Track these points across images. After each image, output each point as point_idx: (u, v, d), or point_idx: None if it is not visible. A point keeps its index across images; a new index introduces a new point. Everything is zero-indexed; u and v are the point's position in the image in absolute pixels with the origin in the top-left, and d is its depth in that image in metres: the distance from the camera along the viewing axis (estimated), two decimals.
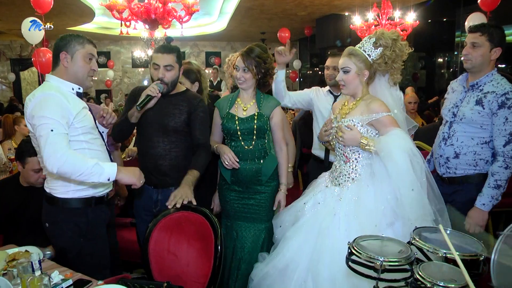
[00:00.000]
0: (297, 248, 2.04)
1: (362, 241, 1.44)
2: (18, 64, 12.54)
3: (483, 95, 2.24)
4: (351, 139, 2.02)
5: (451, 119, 2.38)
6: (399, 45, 2.04)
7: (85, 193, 1.96)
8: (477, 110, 2.24)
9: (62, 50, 1.92)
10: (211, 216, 1.95)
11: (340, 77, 2.09)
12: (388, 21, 6.00)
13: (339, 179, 2.12)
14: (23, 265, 1.57)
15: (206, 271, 1.86)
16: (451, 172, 2.37)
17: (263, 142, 2.42)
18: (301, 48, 13.85)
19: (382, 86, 2.14)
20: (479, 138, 2.28)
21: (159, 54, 2.21)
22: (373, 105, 2.01)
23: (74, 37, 1.95)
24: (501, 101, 2.18)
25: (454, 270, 1.25)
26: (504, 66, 9.11)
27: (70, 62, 1.93)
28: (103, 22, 9.62)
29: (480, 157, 2.29)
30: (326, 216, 2.02)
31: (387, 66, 2.05)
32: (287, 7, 7.96)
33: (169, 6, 4.48)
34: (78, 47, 1.93)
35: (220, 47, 13.74)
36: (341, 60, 2.10)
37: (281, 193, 2.45)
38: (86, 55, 1.95)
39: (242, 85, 2.40)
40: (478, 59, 2.26)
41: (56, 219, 1.96)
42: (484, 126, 2.25)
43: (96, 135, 2.04)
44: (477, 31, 2.25)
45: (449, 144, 2.36)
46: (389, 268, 1.30)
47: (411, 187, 1.84)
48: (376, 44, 2.03)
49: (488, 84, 2.26)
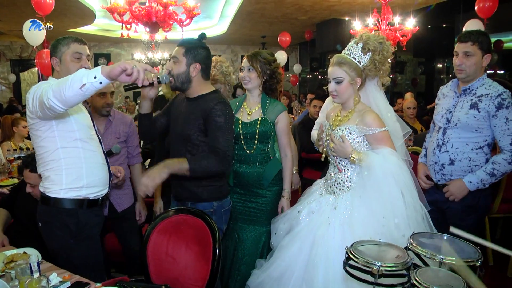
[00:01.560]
0: (292, 257, 2.03)
1: (360, 246, 1.45)
2: (18, 65, 12.54)
3: (477, 99, 2.26)
4: (341, 151, 1.99)
5: (445, 125, 2.37)
6: (385, 47, 2.02)
7: (77, 194, 1.97)
8: (473, 114, 2.25)
9: (52, 55, 1.98)
10: (209, 219, 1.95)
11: (333, 88, 2.02)
12: (388, 26, 6.02)
13: (333, 188, 2.10)
14: (21, 267, 1.57)
15: (204, 274, 1.86)
16: (446, 179, 2.36)
17: (266, 147, 2.43)
18: (301, 52, 13.90)
19: (373, 90, 2.12)
20: (474, 144, 2.28)
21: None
22: (367, 118, 1.96)
23: (61, 40, 1.98)
24: (498, 102, 2.19)
25: (450, 275, 1.26)
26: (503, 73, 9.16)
27: (60, 65, 1.97)
28: (104, 24, 9.64)
29: (475, 163, 2.29)
30: (321, 225, 2.00)
31: (376, 70, 2.03)
32: (287, 11, 7.99)
33: (170, 9, 4.49)
34: (63, 48, 1.96)
35: (221, 50, 13.75)
36: (331, 69, 2.03)
37: (284, 200, 2.44)
38: (72, 54, 1.96)
39: (247, 85, 2.42)
40: (472, 68, 2.26)
41: (48, 218, 1.98)
42: (479, 130, 2.26)
43: (93, 136, 2.05)
44: (468, 41, 2.26)
45: (444, 151, 2.35)
46: (386, 273, 1.30)
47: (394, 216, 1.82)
48: (364, 50, 1.99)
49: (480, 87, 2.28)
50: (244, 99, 2.52)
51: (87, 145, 1.99)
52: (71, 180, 1.95)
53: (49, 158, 1.95)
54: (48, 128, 1.91)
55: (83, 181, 1.97)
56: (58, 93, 1.64)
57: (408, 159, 2.09)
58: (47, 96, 1.67)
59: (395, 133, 2.08)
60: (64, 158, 1.94)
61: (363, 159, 1.93)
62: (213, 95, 2.09)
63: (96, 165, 2.03)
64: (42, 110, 1.77)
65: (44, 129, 1.91)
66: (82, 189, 1.97)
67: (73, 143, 1.94)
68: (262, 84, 2.43)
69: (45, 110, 1.75)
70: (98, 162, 2.05)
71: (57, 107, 1.68)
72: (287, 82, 12.36)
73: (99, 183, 2.05)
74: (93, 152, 2.02)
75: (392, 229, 1.82)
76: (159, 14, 4.42)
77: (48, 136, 1.92)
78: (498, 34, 8.17)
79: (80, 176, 1.97)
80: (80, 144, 1.96)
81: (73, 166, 1.95)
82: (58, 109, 1.69)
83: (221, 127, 2.00)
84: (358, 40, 2.03)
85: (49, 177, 1.96)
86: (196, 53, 2.04)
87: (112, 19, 4.69)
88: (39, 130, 1.92)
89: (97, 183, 2.04)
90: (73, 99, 1.66)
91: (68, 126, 1.92)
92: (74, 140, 1.94)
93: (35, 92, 1.82)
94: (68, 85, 1.63)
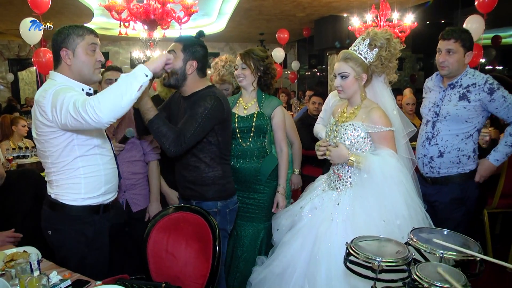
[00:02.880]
0: (294, 253, 2.03)
1: (360, 242, 1.45)
2: (16, 64, 12.51)
3: (465, 90, 2.33)
4: (338, 157, 1.99)
5: (434, 118, 2.43)
6: (393, 44, 2.03)
7: (95, 201, 1.88)
8: (462, 105, 2.32)
9: (62, 46, 1.77)
10: (209, 216, 1.95)
11: (338, 83, 2.04)
12: (386, 22, 6.01)
13: (336, 183, 2.10)
14: (22, 266, 1.56)
15: (205, 272, 1.86)
16: (434, 172, 2.41)
17: (262, 142, 2.43)
18: (300, 49, 13.88)
19: (380, 88, 2.12)
20: (464, 133, 2.35)
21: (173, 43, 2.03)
22: (374, 114, 1.97)
23: (72, 29, 1.78)
24: (488, 88, 2.29)
25: (451, 270, 1.26)
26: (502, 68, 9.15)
27: (73, 58, 1.78)
28: (102, 23, 9.61)
29: (463, 153, 2.36)
30: (323, 221, 2.00)
31: (383, 66, 2.04)
32: (285, 8, 7.98)
33: (168, 7, 4.48)
34: (78, 40, 1.77)
35: (219, 48, 13.74)
36: (337, 65, 2.05)
37: (279, 195, 2.44)
38: (88, 46, 1.79)
39: (242, 82, 2.43)
40: (454, 65, 2.33)
41: (61, 226, 1.86)
42: (469, 120, 2.33)
43: (106, 139, 1.97)
44: (451, 38, 2.31)
45: (434, 144, 2.41)
46: (387, 268, 1.30)
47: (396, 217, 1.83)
48: (371, 46, 2.00)
49: (464, 78, 2.36)
50: (240, 95, 2.53)
51: (104, 151, 1.91)
52: (90, 188, 1.85)
53: (66, 167, 1.81)
54: (68, 137, 1.77)
55: (101, 189, 1.89)
56: (113, 107, 1.54)
57: (412, 158, 2.10)
58: (91, 112, 1.53)
59: (400, 131, 2.09)
60: (83, 166, 1.83)
61: (362, 162, 1.93)
62: (207, 89, 2.05)
63: (112, 170, 1.95)
64: (75, 122, 1.60)
65: (63, 138, 1.77)
66: (100, 196, 1.89)
67: (92, 150, 1.84)
68: (257, 80, 2.43)
69: (80, 123, 1.59)
70: (113, 167, 1.97)
71: (106, 123, 1.57)
72: (285, 79, 12.35)
73: (114, 188, 1.99)
74: (108, 157, 1.93)
75: (393, 227, 1.82)
76: (157, 12, 4.41)
77: (68, 145, 1.78)
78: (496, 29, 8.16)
79: (99, 184, 1.88)
80: (98, 151, 1.86)
81: (93, 175, 1.85)
82: (104, 124, 1.59)
83: (195, 117, 1.92)
84: (365, 36, 2.03)
85: (65, 185, 1.83)
86: (194, 51, 2.00)
87: (110, 17, 4.68)
88: (56, 138, 1.77)
89: (113, 188, 1.98)
90: (127, 108, 1.59)
91: (87, 133, 1.80)
92: (93, 147, 1.84)
93: (58, 102, 1.64)
94: (122, 94, 1.55)
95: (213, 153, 2.07)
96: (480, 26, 4.94)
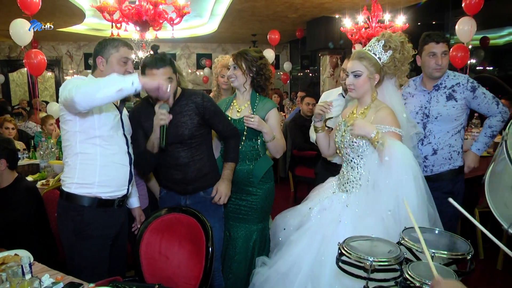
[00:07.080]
0: (301, 252, 2.03)
1: (352, 242, 1.46)
2: (6, 65, 12.37)
3: (450, 90, 2.46)
4: (362, 127, 1.90)
5: (424, 120, 2.50)
6: (407, 47, 2.05)
7: (88, 191, 1.96)
8: (451, 105, 2.45)
9: (98, 54, 2.01)
10: (202, 217, 1.95)
11: (351, 81, 2.04)
12: (378, 24, 6.05)
13: (346, 186, 2.10)
14: (13, 269, 1.55)
15: (197, 273, 1.86)
16: (427, 171, 2.49)
17: (255, 144, 2.43)
18: (292, 50, 13.91)
19: (390, 90, 2.13)
20: (453, 129, 2.48)
21: (155, 70, 1.98)
22: (382, 112, 1.98)
23: (110, 41, 2.03)
24: (470, 86, 2.45)
25: (442, 269, 1.27)
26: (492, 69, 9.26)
27: (106, 65, 2.01)
28: (94, 24, 9.55)
29: (453, 149, 2.49)
30: (331, 222, 2.00)
31: (396, 69, 2.05)
32: (278, 10, 7.99)
33: (160, 8, 4.46)
34: (113, 50, 2.00)
35: (211, 49, 13.73)
36: (351, 63, 2.05)
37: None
38: (120, 58, 2.01)
39: (234, 83, 2.44)
40: (447, 66, 2.47)
41: (61, 211, 2.03)
42: (457, 118, 2.47)
43: (116, 137, 2.03)
44: (444, 41, 2.45)
45: (427, 143, 2.50)
46: (379, 268, 1.32)
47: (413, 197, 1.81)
48: (385, 47, 2.02)
49: (447, 79, 2.49)
50: (234, 97, 2.52)
51: (107, 145, 1.98)
52: (83, 175, 1.96)
53: (69, 152, 1.99)
54: (72, 122, 1.95)
55: (95, 178, 1.96)
56: (88, 93, 1.70)
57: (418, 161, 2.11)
58: (73, 92, 1.70)
59: (408, 135, 2.10)
60: (81, 153, 1.96)
61: (386, 142, 1.86)
62: (186, 91, 2.19)
63: (112, 164, 2.00)
64: (66, 102, 1.82)
65: (70, 123, 1.95)
66: (94, 187, 1.96)
67: (92, 140, 1.95)
68: (249, 81, 2.43)
69: (68, 103, 1.78)
70: (115, 162, 2.02)
71: (79, 106, 1.72)
72: (278, 80, 12.37)
73: (113, 183, 2.02)
74: (112, 151, 2.00)
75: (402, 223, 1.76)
76: (149, 13, 4.40)
77: (71, 130, 1.96)
78: (484, 31, 8.24)
79: (92, 173, 1.96)
80: (98, 142, 1.96)
81: (88, 162, 1.96)
82: (79, 108, 1.73)
83: (219, 112, 2.26)
84: (380, 37, 2.06)
85: (67, 169, 2.01)
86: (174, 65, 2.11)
87: (102, 18, 4.65)
88: (65, 122, 1.97)
89: (111, 183, 2.01)
90: (103, 101, 1.75)
91: (89, 124, 1.94)
92: (93, 137, 1.95)
93: (67, 84, 1.85)
94: (101, 87, 1.70)
95: (208, 140, 2.29)
96: (471, 28, 5.00)
